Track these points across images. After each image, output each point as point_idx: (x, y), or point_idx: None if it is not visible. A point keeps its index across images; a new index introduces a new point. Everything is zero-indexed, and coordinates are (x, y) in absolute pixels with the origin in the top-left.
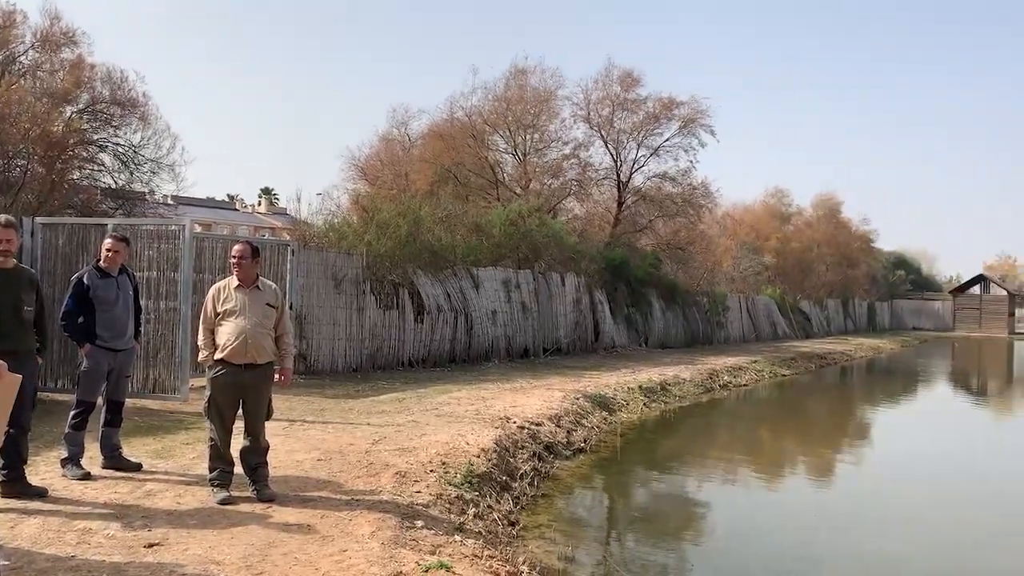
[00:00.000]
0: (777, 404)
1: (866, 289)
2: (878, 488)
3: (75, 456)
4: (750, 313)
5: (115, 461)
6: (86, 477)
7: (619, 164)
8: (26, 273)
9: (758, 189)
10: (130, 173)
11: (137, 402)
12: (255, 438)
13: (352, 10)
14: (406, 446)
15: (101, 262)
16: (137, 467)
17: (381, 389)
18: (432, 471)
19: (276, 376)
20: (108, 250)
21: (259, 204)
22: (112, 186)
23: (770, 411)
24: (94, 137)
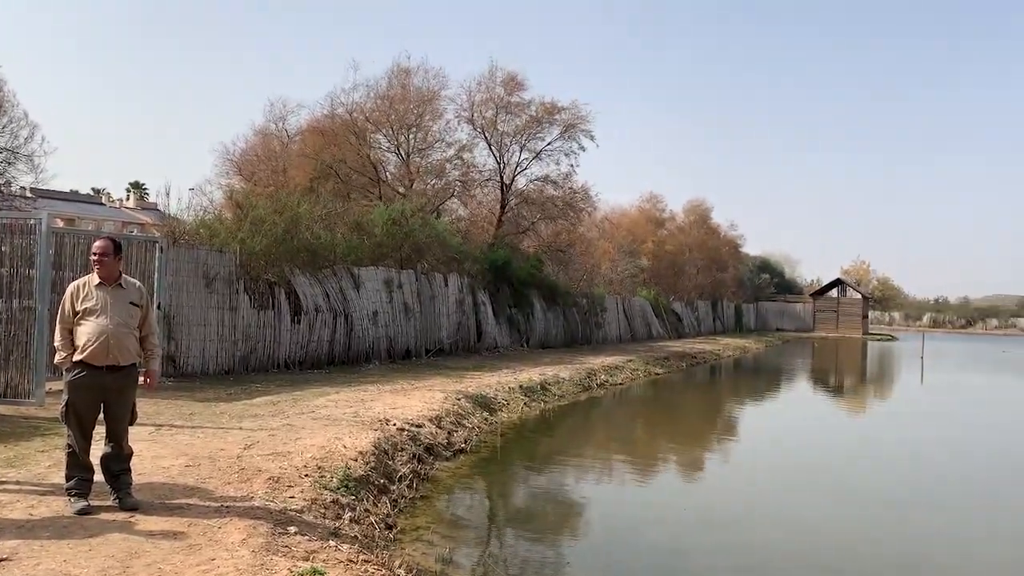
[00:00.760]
0: (652, 402)
1: (734, 291)
2: (746, 481)
3: None
4: (626, 314)
5: None
6: None
7: (502, 166)
8: None
9: (635, 194)
10: None
11: None
12: (118, 444)
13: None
14: (280, 450)
15: None
16: None
17: (255, 392)
18: (307, 475)
19: (141, 379)
20: None
21: (127, 199)
22: None
23: (645, 409)
24: None
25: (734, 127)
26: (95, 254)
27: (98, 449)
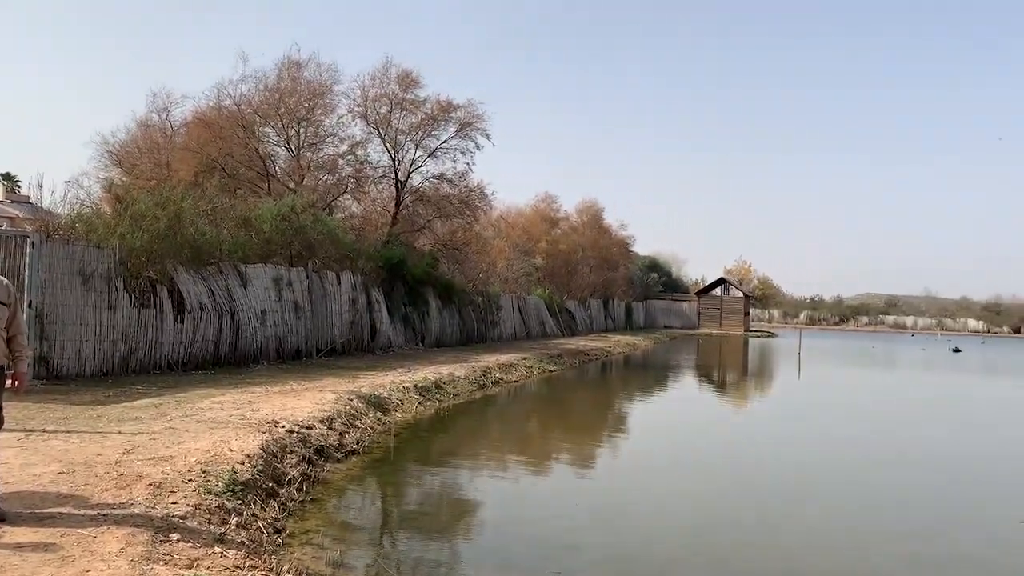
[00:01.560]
0: (545, 399)
1: (624, 290)
2: (637, 475)
3: None
4: (521, 312)
5: None
6: None
7: (397, 163)
8: None
9: (530, 193)
10: None
11: None
12: None
13: None
14: (162, 455)
15: None
16: None
17: (135, 395)
18: (191, 480)
19: (8, 381)
20: None
21: None
22: None
23: (539, 406)
24: None
25: (625, 128)
26: None
27: None
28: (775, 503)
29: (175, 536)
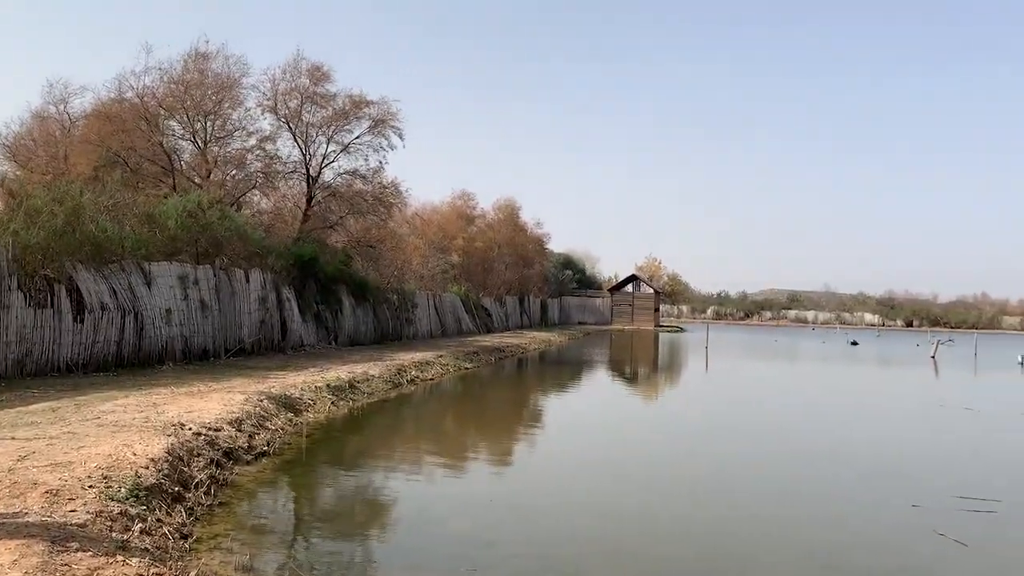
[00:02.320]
0: (461, 396)
1: (539, 287)
2: (551, 471)
3: None
4: (437, 310)
5: None
6: None
7: (308, 158)
8: None
9: (446, 191)
10: None
11: None
12: None
13: None
14: (60, 460)
15: None
16: None
17: (31, 398)
18: (91, 486)
19: None
20: None
21: None
22: None
23: (455, 404)
24: None
25: (542, 126)
26: None
27: None
28: (683, 496)
29: (74, 545)
